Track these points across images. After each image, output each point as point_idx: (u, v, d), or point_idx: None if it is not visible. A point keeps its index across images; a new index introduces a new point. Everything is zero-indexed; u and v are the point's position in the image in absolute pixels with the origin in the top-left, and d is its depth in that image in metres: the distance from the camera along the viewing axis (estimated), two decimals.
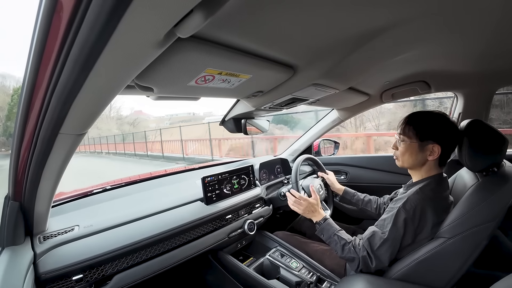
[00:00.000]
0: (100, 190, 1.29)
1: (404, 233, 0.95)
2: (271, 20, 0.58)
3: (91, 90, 0.48)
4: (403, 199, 0.98)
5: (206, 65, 0.67)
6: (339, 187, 1.59)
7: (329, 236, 1.12)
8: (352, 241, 1.06)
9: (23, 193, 0.74)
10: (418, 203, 0.95)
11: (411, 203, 0.95)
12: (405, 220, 0.94)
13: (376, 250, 0.97)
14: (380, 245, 0.96)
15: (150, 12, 0.36)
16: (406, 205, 0.95)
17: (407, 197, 0.98)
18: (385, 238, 0.96)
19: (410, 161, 1.05)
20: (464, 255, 0.89)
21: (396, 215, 0.95)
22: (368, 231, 1.03)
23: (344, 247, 1.05)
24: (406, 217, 0.94)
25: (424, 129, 1.00)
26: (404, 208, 0.95)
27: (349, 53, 0.82)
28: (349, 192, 1.55)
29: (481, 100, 1.46)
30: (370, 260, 0.98)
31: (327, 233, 1.13)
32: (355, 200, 1.52)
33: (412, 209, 0.94)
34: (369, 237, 1.00)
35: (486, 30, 0.77)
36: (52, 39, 0.38)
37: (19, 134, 0.58)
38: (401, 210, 0.95)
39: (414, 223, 0.94)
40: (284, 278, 1.27)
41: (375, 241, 0.98)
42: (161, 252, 1.06)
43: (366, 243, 1.00)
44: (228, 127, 1.43)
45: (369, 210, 1.47)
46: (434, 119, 1.01)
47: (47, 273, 0.80)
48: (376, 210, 1.45)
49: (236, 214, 1.42)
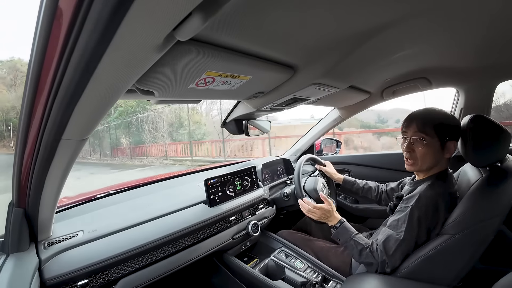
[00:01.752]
0: (103, 194, 1.29)
1: (419, 232, 0.93)
2: (270, 21, 0.59)
3: (92, 95, 0.48)
4: (415, 197, 0.96)
5: (206, 67, 0.67)
6: (339, 176, 1.59)
7: (346, 240, 1.09)
8: (369, 246, 1.03)
9: (27, 200, 0.74)
10: (431, 200, 0.94)
11: (424, 200, 0.94)
12: (419, 218, 0.93)
13: (392, 254, 0.95)
14: (396, 248, 0.95)
15: (149, 16, 0.36)
16: (419, 203, 0.94)
17: (418, 194, 0.96)
18: (401, 239, 0.94)
19: (431, 161, 1.01)
20: (469, 251, 0.88)
21: (410, 214, 0.94)
22: (382, 234, 1.01)
23: (362, 252, 1.03)
24: (419, 215, 0.93)
25: (442, 127, 0.98)
26: (417, 206, 0.94)
27: (349, 51, 0.82)
28: (348, 181, 1.55)
29: (483, 95, 1.45)
30: (388, 264, 0.97)
31: (343, 237, 1.11)
32: (355, 189, 1.52)
33: (425, 206, 0.93)
34: (384, 241, 0.98)
35: (485, 24, 0.77)
36: (52, 46, 0.38)
37: (22, 140, 0.59)
38: (414, 208, 0.94)
39: (427, 220, 0.93)
40: (289, 279, 1.27)
41: (390, 244, 0.96)
42: (165, 255, 1.06)
43: (381, 247, 0.98)
44: (229, 128, 1.43)
45: (369, 197, 1.47)
46: (446, 116, 1.00)
47: (52, 279, 0.80)
48: (376, 197, 1.44)
49: (240, 216, 1.42)
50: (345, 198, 2.03)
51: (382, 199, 1.43)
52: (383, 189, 1.44)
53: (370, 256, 1.01)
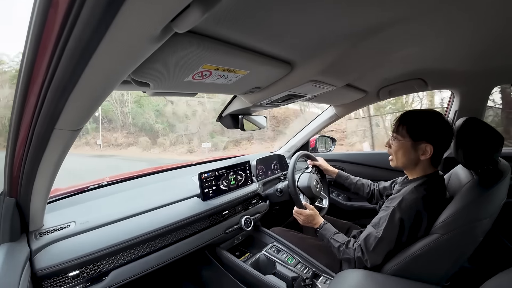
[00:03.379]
0: (96, 186, 1.28)
1: (399, 232, 0.95)
2: (269, 15, 0.58)
3: (87, 85, 0.47)
4: (398, 198, 0.98)
5: (203, 60, 0.67)
6: (333, 169, 1.61)
7: (328, 240, 1.16)
8: (345, 243, 1.09)
9: (18, 190, 0.73)
10: (413, 202, 0.95)
11: (406, 202, 0.96)
12: (400, 220, 0.95)
13: (372, 251, 0.98)
14: (375, 245, 0.98)
15: (147, 6, 0.35)
16: (401, 205, 0.96)
17: (402, 196, 0.98)
18: (380, 237, 0.97)
19: (403, 160, 1.05)
20: (458, 251, 0.90)
21: (391, 214, 0.96)
22: (365, 231, 1.05)
23: (340, 249, 1.09)
24: (401, 216, 0.95)
25: (417, 128, 1.00)
26: (399, 207, 0.96)
27: (347, 50, 0.82)
28: (342, 175, 1.57)
29: (478, 98, 1.47)
30: (364, 259, 1.00)
31: (325, 238, 1.18)
32: (347, 183, 1.54)
33: (407, 208, 0.95)
34: (365, 238, 1.01)
35: (482, 28, 0.78)
36: (47, 34, 0.38)
37: (14, 129, 0.58)
38: (396, 210, 0.96)
39: (409, 222, 0.95)
40: (280, 274, 1.28)
41: (370, 241, 0.99)
42: (157, 248, 1.06)
43: (363, 243, 1.01)
44: (225, 123, 1.43)
45: (360, 193, 1.49)
46: (427, 118, 1.00)
47: (43, 270, 0.80)
48: (368, 194, 1.46)
49: (233, 210, 1.43)
50: (338, 195, 2.05)
51: (374, 197, 1.44)
52: (375, 187, 1.46)
53: (347, 252, 1.06)
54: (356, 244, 1.04)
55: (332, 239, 1.14)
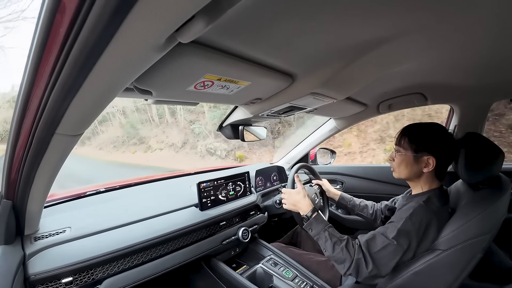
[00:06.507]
0: (93, 192, 1.28)
1: (408, 247, 0.91)
2: (272, 28, 0.59)
3: (90, 91, 0.48)
4: (409, 210, 0.95)
5: (205, 70, 0.67)
6: (335, 191, 1.56)
7: (318, 231, 1.03)
8: (345, 239, 0.99)
9: (16, 192, 0.73)
10: (424, 217, 0.93)
11: (417, 216, 0.93)
12: (409, 232, 0.92)
13: (375, 253, 0.92)
14: (380, 248, 0.92)
15: (152, 16, 0.36)
16: (412, 217, 0.93)
17: (412, 208, 0.95)
18: (388, 243, 0.92)
19: (405, 172, 1.04)
20: (458, 268, 0.89)
21: (403, 224, 0.93)
22: (367, 235, 0.99)
23: (335, 245, 0.98)
24: (411, 229, 0.92)
25: (419, 141, 1.00)
26: (410, 220, 0.93)
27: (348, 63, 0.83)
28: (345, 197, 1.53)
29: (477, 113, 1.48)
30: (365, 264, 0.92)
31: (316, 228, 1.05)
32: (351, 205, 1.49)
33: (418, 222, 0.92)
34: (368, 239, 0.96)
35: (481, 43, 0.79)
36: (53, 38, 0.38)
37: (15, 132, 0.58)
38: (408, 221, 0.93)
39: (418, 236, 0.92)
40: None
41: (376, 243, 0.94)
42: (153, 258, 1.05)
43: (365, 244, 0.95)
44: (225, 133, 1.43)
45: (364, 215, 1.45)
46: (429, 131, 1.00)
47: (36, 275, 0.79)
48: (372, 215, 1.42)
49: (231, 221, 1.41)
50: (336, 208, 2.03)
51: (378, 217, 1.41)
52: (378, 207, 1.43)
53: (345, 251, 0.95)
54: (357, 245, 0.96)
55: (328, 232, 1.01)
